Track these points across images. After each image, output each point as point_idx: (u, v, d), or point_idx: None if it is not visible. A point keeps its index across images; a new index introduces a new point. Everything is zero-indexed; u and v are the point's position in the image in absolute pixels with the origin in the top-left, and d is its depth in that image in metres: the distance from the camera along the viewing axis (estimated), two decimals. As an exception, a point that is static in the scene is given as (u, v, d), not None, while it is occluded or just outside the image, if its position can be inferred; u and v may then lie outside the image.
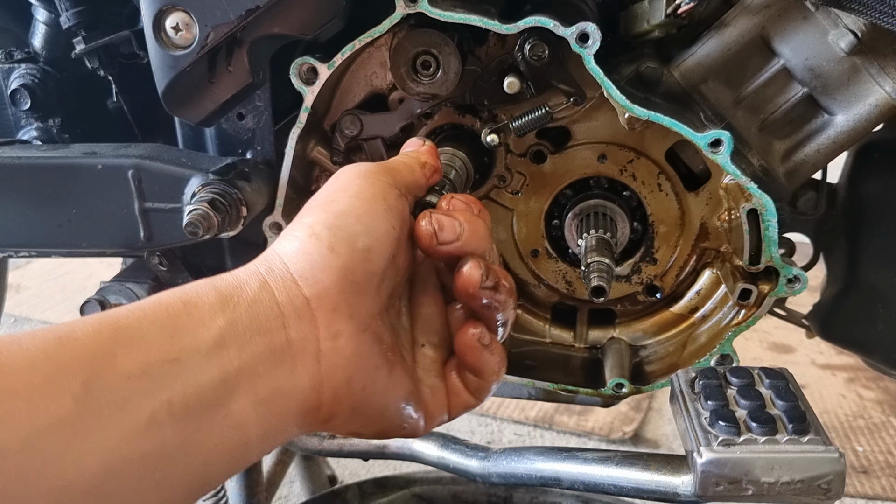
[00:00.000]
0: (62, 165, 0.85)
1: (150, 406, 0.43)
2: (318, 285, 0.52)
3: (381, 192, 0.56)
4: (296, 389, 0.51)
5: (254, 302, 0.50)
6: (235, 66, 0.74)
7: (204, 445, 0.46)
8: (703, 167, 0.82)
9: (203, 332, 0.47)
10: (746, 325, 0.79)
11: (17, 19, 1.01)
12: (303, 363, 0.51)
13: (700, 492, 0.60)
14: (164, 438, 0.44)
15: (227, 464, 0.49)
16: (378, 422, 0.56)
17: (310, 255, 0.53)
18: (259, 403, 0.49)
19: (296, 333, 0.51)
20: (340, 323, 0.52)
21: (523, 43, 0.74)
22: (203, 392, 0.46)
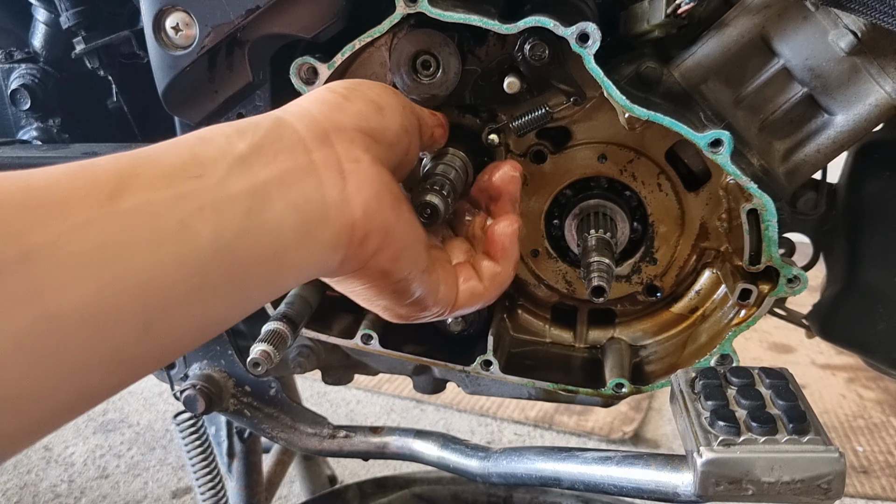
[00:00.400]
0: (62, 165, 0.85)
1: (179, 213, 0.43)
2: (335, 121, 0.55)
3: (393, 89, 0.64)
4: (326, 199, 0.52)
5: (273, 128, 0.52)
6: (235, 66, 0.74)
7: (242, 251, 0.46)
8: (703, 167, 0.82)
9: (224, 155, 0.48)
10: (746, 325, 0.79)
11: (17, 19, 1.01)
12: (329, 178, 0.52)
13: (700, 492, 0.60)
14: (198, 243, 0.44)
15: (264, 276, 0.49)
16: (407, 256, 0.58)
17: (327, 100, 0.57)
18: (293, 208, 0.49)
19: (318, 155, 0.53)
20: (359, 151, 0.55)
21: (523, 43, 0.74)
22: (233, 199, 0.46)
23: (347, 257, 0.55)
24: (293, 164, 0.51)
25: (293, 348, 0.95)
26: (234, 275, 0.46)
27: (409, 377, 0.98)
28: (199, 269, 0.44)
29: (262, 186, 0.48)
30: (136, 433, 2.24)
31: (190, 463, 1.21)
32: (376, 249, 0.56)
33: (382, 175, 0.56)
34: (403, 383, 2.41)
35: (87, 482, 2.03)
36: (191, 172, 0.45)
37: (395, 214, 0.57)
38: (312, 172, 0.52)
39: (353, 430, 0.97)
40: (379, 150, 0.57)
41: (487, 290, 0.67)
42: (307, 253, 0.51)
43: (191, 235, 0.43)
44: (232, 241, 0.46)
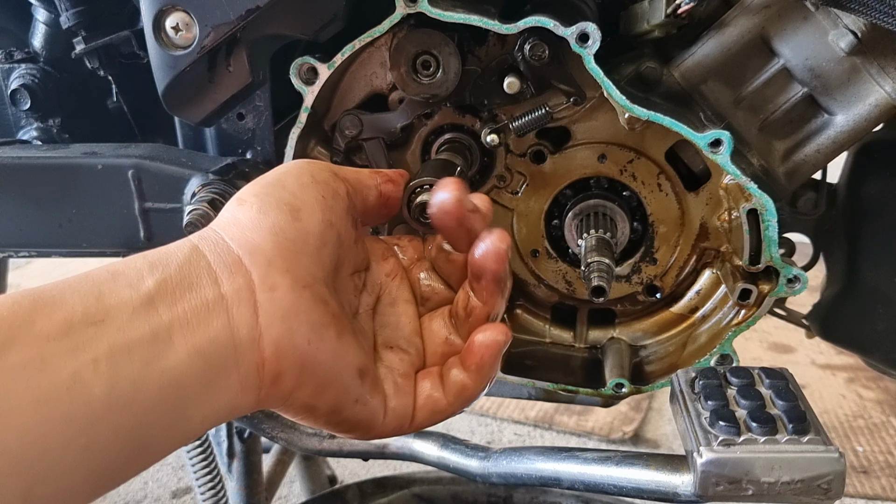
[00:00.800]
0: (62, 165, 0.85)
1: (72, 366, 0.41)
2: (250, 244, 0.51)
3: (310, 169, 0.57)
4: (233, 340, 0.48)
5: (185, 263, 0.49)
6: (235, 66, 0.74)
7: (138, 405, 0.43)
8: (703, 167, 0.82)
9: (130, 293, 0.46)
10: (746, 325, 0.79)
11: (17, 19, 1.02)
12: (239, 314, 0.49)
13: (700, 492, 0.60)
14: (88, 399, 0.41)
15: (165, 428, 0.46)
16: (330, 390, 0.53)
17: (239, 220, 0.53)
18: (196, 354, 0.46)
19: (229, 287, 0.49)
20: (276, 276, 0.51)
21: (523, 43, 0.74)
22: (132, 348, 0.44)
23: (262, 398, 0.51)
24: (200, 301, 0.48)
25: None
26: (129, 429, 0.43)
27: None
28: (87, 427, 0.41)
29: (166, 330, 0.45)
30: (136, 433, 2.24)
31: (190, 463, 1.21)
32: (293, 387, 0.51)
33: (300, 302, 0.51)
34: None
35: (87, 482, 2.02)
36: (92, 317, 0.43)
37: (313, 348, 0.51)
38: (221, 310, 0.48)
39: (353, 430, 0.97)
40: (302, 265, 0.52)
41: (449, 406, 0.59)
42: (213, 399, 0.48)
43: (82, 390, 0.41)
44: (127, 394, 0.43)
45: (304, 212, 0.54)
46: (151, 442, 0.45)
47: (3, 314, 0.41)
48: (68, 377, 0.41)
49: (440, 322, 0.62)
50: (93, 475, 0.42)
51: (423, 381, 0.59)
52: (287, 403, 0.53)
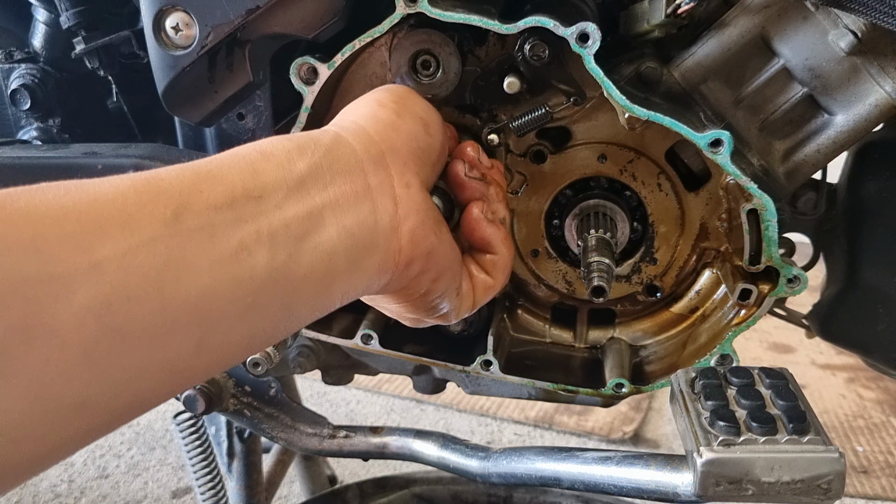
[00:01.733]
0: (62, 165, 0.85)
1: (238, 234, 0.45)
2: (391, 142, 0.57)
3: (429, 104, 0.67)
4: (378, 226, 0.53)
5: (332, 148, 0.53)
6: (235, 66, 0.74)
7: (293, 274, 0.48)
8: (703, 167, 0.82)
9: (284, 174, 0.49)
10: (746, 325, 0.79)
11: (17, 19, 1.01)
12: (382, 203, 0.54)
13: (700, 492, 0.60)
14: (254, 264, 0.45)
15: (312, 299, 0.50)
16: (446, 277, 0.60)
17: (380, 118, 0.59)
18: (346, 234, 0.51)
19: (374, 179, 0.54)
20: (410, 175, 0.57)
21: (523, 43, 0.74)
22: (290, 223, 0.48)
23: (392, 280, 0.57)
24: (350, 187, 0.52)
25: (293, 348, 0.95)
26: (284, 295, 0.48)
27: (409, 377, 0.98)
28: (253, 290, 0.45)
29: (318, 211, 0.50)
30: (136, 433, 2.24)
31: (190, 463, 1.21)
32: (419, 272, 0.58)
33: (427, 200, 0.59)
34: (403, 383, 2.41)
35: (87, 482, 2.03)
36: (251, 193, 0.47)
37: (437, 239, 0.58)
38: (367, 197, 0.53)
39: (353, 430, 0.97)
40: (426, 172, 0.60)
41: (497, 281, 0.68)
42: (356, 277, 0.53)
43: (247, 258, 0.45)
44: (285, 264, 0.47)
45: (432, 127, 0.62)
46: (299, 309, 0.50)
47: (171, 182, 0.45)
48: (236, 245, 0.45)
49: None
50: (250, 332, 0.47)
51: (469, 264, 0.68)
52: (408, 287, 0.59)
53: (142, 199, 0.43)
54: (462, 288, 0.65)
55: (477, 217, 0.66)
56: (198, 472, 1.22)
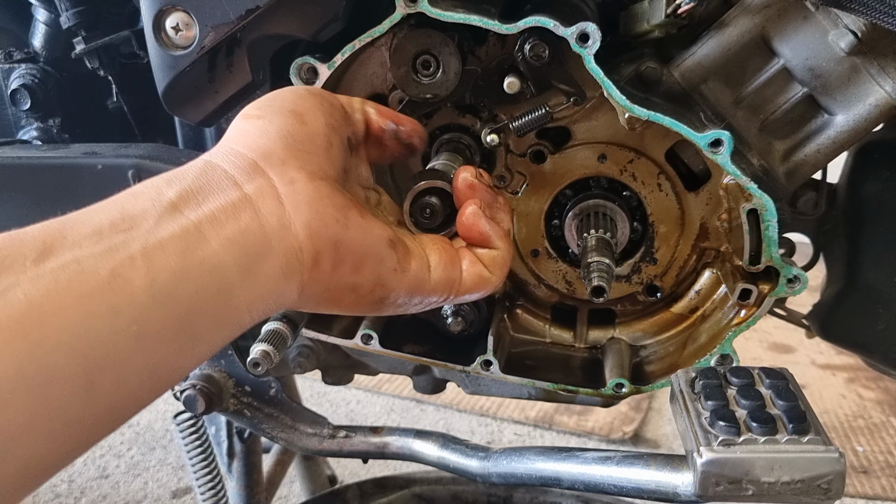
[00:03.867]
0: (62, 165, 0.85)
1: (109, 264, 0.43)
2: (262, 148, 0.54)
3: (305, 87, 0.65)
4: (265, 229, 0.51)
5: (201, 173, 0.51)
6: (235, 66, 0.74)
7: (182, 293, 0.45)
8: (703, 167, 0.82)
9: (153, 204, 0.48)
10: (746, 325, 0.79)
11: (17, 19, 1.02)
12: (265, 206, 0.51)
13: (700, 492, 0.60)
14: (131, 290, 0.43)
15: (212, 316, 0.47)
16: (368, 263, 0.56)
17: (246, 131, 0.56)
18: (230, 244, 0.48)
19: (251, 187, 0.52)
20: (292, 172, 0.54)
21: (523, 43, 0.74)
22: (165, 244, 0.45)
23: (305, 283, 0.53)
24: (225, 201, 0.50)
25: (293, 348, 0.95)
26: (177, 318, 0.45)
27: (410, 377, 0.98)
28: (136, 317, 0.43)
29: (195, 227, 0.47)
30: (136, 433, 2.24)
31: (190, 463, 1.21)
32: (332, 266, 0.54)
33: (321, 189, 0.55)
34: (403, 383, 2.41)
35: (87, 482, 2.03)
36: (119, 226, 0.45)
37: (341, 226, 0.55)
38: (246, 205, 0.51)
39: (353, 430, 0.97)
40: (314, 162, 0.56)
41: (494, 275, 0.66)
42: (256, 286, 0.50)
43: (123, 284, 0.43)
44: (169, 284, 0.45)
45: (307, 116, 0.58)
46: (202, 331, 0.47)
47: (33, 233, 0.43)
48: (107, 274, 0.42)
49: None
50: (150, 363, 0.44)
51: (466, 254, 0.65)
52: (331, 287, 0.55)
53: (6, 245, 0.41)
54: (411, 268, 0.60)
55: (474, 212, 0.65)
56: (198, 472, 1.22)
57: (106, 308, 0.42)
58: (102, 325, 0.41)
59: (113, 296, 0.42)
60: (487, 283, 0.65)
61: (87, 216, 0.46)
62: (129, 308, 0.43)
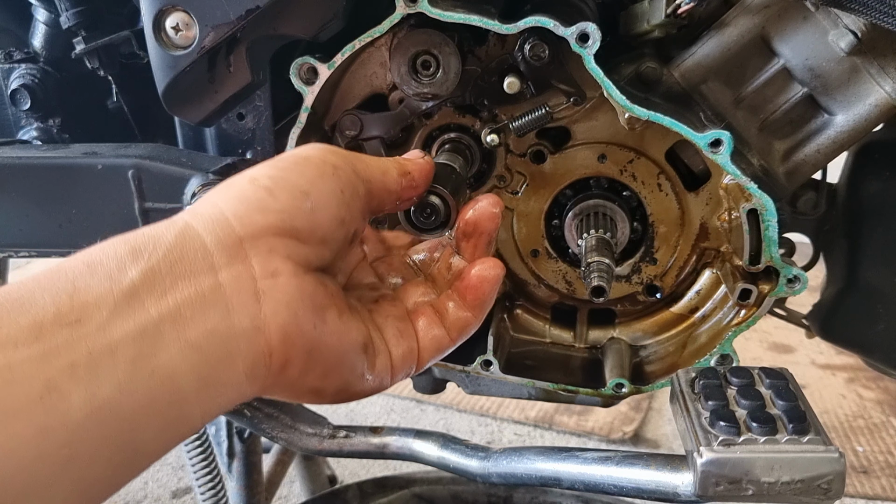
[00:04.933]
0: (62, 165, 0.85)
1: (45, 373, 0.37)
2: (254, 226, 0.48)
3: (333, 161, 0.53)
4: (234, 331, 0.45)
5: (174, 247, 0.45)
6: (235, 66, 0.74)
7: (126, 410, 0.40)
8: (703, 167, 0.82)
9: (110, 286, 0.41)
10: (746, 325, 0.79)
11: (17, 19, 1.02)
12: (240, 303, 0.45)
13: (700, 492, 0.60)
14: (67, 408, 0.37)
15: (160, 430, 0.42)
16: (337, 370, 0.52)
17: (247, 197, 0.49)
18: (191, 350, 0.42)
19: (227, 275, 0.45)
20: (278, 262, 0.48)
21: (523, 43, 0.74)
22: (115, 349, 0.40)
23: (267, 385, 0.48)
24: (194, 291, 0.44)
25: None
26: (117, 437, 0.40)
27: (409, 377, 0.98)
28: (68, 439, 0.37)
29: (154, 327, 0.41)
30: (136, 433, 2.24)
31: (190, 463, 1.21)
32: (300, 372, 0.49)
33: (304, 286, 0.49)
34: (403, 383, 2.41)
35: (87, 482, 2.02)
36: (66, 318, 0.39)
37: (318, 332, 0.49)
38: (218, 299, 0.44)
39: (353, 430, 0.97)
40: (304, 253, 0.50)
41: (452, 341, 0.60)
42: (214, 395, 0.45)
43: (58, 400, 0.37)
44: (112, 399, 0.39)
45: (319, 204, 0.51)
46: (145, 447, 0.42)
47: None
48: (41, 387, 0.37)
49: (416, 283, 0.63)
50: (79, 488, 0.39)
51: (420, 320, 0.59)
52: (293, 389, 0.51)
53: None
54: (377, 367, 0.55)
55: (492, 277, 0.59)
56: (198, 472, 1.22)
57: (34, 430, 0.36)
58: (27, 452, 0.36)
59: (44, 416, 0.37)
60: (444, 350, 0.60)
61: (31, 296, 0.40)
62: (61, 429, 0.37)
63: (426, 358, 0.59)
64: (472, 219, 0.61)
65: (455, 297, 0.60)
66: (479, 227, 0.61)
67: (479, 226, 0.61)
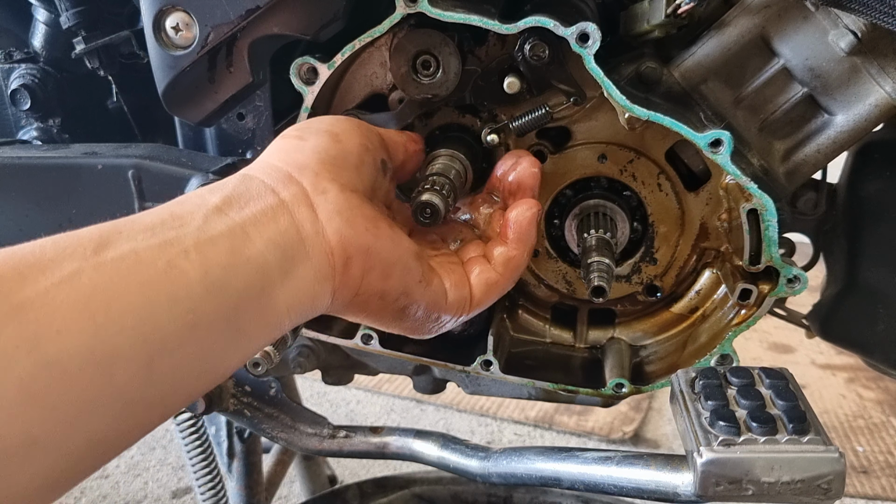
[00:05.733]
0: (62, 165, 0.85)
1: (165, 256, 0.45)
2: (296, 162, 0.58)
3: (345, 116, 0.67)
4: (301, 233, 0.54)
5: (240, 182, 0.55)
6: (235, 66, 0.74)
7: (231, 288, 0.48)
8: (703, 167, 0.82)
9: (199, 207, 0.51)
10: (746, 325, 0.79)
11: (17, 19, 1.01)
12: (300, 212, 0.55)
13: (700, 492, 0.60)
14: (188, 281, 0.46)
15: (256, 312, 0.50)
16: (396, 271, 0.59)
17: (282, 147, 0.60)
18: (273, 245, 0.51)
19: (286, 194, 0.55)
20: (325, 183, 0.57)
21: (523, 43, 0.74)
22: (215, 240, 0.48)
23: (337, 287, 0.56)
24: (265, 205, 0.53)
25: (293, 348, 0.95)
26: (226, 311, 0.48)
27: (410, 377, 0.98)
28: (192, 307, 0.45)
29: (241, 227, 0.51)
30: (136, 433, 2.24)
31: (190, 463, 1.21)
32: (363, 272, 0.57)
33: (351, 200, 0.58)
34: (403, 383, 2.41)
35: (87, 482, 2.03)
36: (170, 224, 0.48)
37: (372, 235, 0.58)
38: (284, 210, 0.54)
39: (353, 430, 0.97)
40: (345, 176, 0.59)
41: (502, 277, 0.68)
42: (294, 287, 0.53)
43: (179, 274, 0.45)
44: (221, 277, 0.47)
45: (343, 136, 0.62)
46: (248, 326, 0.50)
47: (89, 230, 0.46)
48: (164, 264, 0.45)
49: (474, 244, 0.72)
50: (202, 353, 0.46)
51: (471, 265, 0.68)
52: (360, 293, 0.58)
53: (60, 245, 0.43)
54: (435, 281, 0.63)
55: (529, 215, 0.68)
56: (198, 472, 1.22)
57: (165, 296, 0.44)
58: (161, 312, 0.44)
59: (170, 285, 0.45)
60: (495, 287, 0.67)
61: (138, 217, 0.48)
62: (186, 298, 0.45)
63: (479, 294, 0.66)
64: (516, 179, 0.71)
65: (500, 241, 0.69)
66: (522, 185, 0.71)
67: (522, 183, 0.71)
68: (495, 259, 0.68)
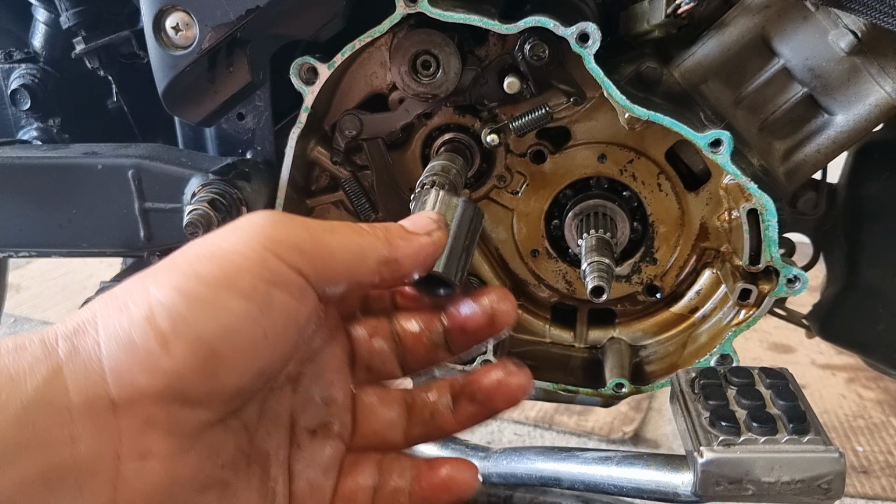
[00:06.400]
0: (62, 165, 0.85)
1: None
2: (133, 388, 0.38)
3: (275, 268, 0.41)
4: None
5: (33, 403, 0.37)
6: (235, 66, 0.74)
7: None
8: (703, 167, 0.82)
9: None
10: (746, 325, 0.79)
11: (17, 19, 1.01)
12: (91, 490, 0.38)
13: (700, 491, 0.60)
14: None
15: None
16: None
17: (134, 346, 0.39)
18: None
19: (87, 449, 0.37)
20: (153, 440, 0.39)
21: (523, 43, 0.74)
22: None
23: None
24: (44, 468, 0.37)
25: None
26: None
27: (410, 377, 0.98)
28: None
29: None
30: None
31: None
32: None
33: (178, 474, 0.40)
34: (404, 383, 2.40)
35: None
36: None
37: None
38: (68, 484, 0.37)
39: (353, 430, 0.97)
40: (193, 418, 0.40)
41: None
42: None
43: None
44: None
45: (227, 362, 0.40)
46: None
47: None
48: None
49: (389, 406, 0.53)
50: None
51: (362, 473, 0.48)
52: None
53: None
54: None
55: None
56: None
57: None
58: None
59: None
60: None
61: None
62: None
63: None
64: (487, 391, 0.54)
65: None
66: (492, 401, 0.54)
67: (490, 398, 0.54)
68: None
